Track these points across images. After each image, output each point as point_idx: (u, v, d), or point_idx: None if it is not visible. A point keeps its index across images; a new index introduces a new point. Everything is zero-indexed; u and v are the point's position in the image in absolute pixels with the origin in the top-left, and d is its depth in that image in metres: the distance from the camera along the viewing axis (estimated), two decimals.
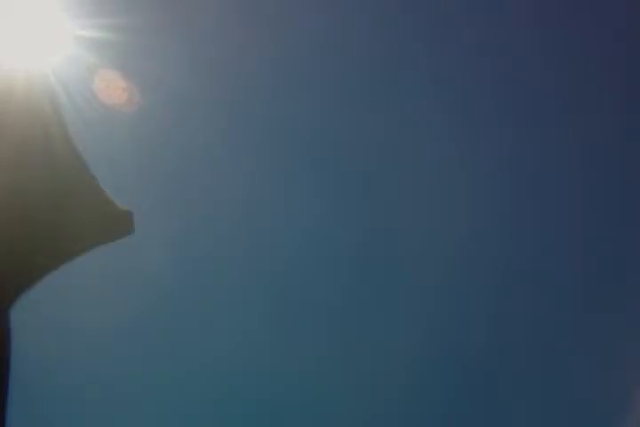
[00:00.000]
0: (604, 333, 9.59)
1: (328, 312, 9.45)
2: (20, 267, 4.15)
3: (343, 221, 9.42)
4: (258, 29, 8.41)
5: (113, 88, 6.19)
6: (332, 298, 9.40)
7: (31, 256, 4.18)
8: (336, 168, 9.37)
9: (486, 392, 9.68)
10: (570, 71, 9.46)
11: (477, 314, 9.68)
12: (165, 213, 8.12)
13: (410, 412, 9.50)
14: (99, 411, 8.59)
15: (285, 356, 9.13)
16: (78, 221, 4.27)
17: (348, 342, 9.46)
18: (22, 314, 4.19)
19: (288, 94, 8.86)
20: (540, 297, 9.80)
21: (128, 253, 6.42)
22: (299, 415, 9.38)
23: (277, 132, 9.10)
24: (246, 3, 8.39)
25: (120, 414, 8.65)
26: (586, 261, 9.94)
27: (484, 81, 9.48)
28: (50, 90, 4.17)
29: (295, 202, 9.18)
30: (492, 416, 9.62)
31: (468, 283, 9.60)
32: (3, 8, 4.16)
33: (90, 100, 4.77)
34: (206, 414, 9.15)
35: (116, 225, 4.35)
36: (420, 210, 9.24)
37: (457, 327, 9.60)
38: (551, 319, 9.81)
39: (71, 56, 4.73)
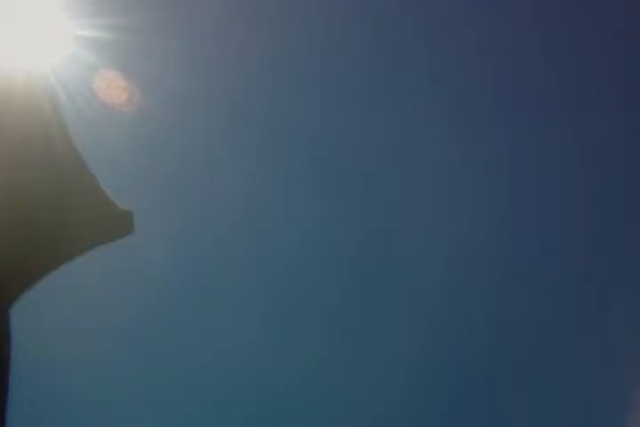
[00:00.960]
0: (604, 333, 9.59)
1: (328, 312, 9.45)
2: (20, 267, 4.15)
3: (343, 221, 9.42)
4: (258, 29, 8.41)
5: (113, 88, 6.19)
6: (331, 298, 9.40)
7: (31, 256, 4.17)
8: (336, 168, 9.37)
9: (486, 392, 9.68)
10: (570, 71, 9.46)
11: (477, 314, 9.68)
12: (165, 213, 8.12)
13: (410, 412, 9.50)
14: (99, 411, 8.59)
15: (285, 355, 9.13)
16: (78, 221, 4.27)
17: (348, 341, 9.46)
18: (22, 314, 4.19)
19: (288, 94, 8.86)
20: (539, 297, 9.80)
21: (128, 253, 6.42)
22: (298, 415, 9.38)
23: (277, 132, 9.10)
24: (246, 3, 8.39)
25: (120, 414, 8.65)
26: (586, 261, 9.94)
27: (484, 81, 9.48)
28: (50, 90, 4.17)
29: (295, 202, 9.18)
30: (492, 416, 9.62)
31: (467, 283, 9.60)
32: (3, 8, 4.16)
33: (90, 100, 4.77)
34: (206, 414, 9.15)
35: (116, 225, 4.35)
36: (420, 210, 9.24)
37: (457, 327, 9.60)
38: (551, 319, 9.81)
39: (71, 56, 4.73)
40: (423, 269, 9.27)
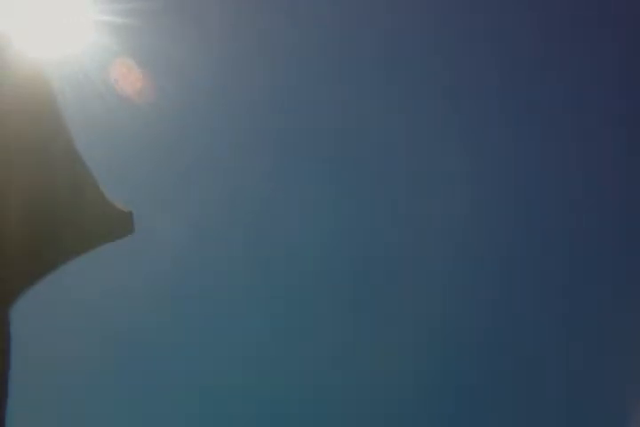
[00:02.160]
0: (606, 333, 9.59)
1: (329, 313, 9.45)
2: (20, 267, 4.14)
3: (346, 222, 9.42)
4: (284, 14, 8.38)
5: (128, 78, 6.15)
6: (333, 298, 9.41)
7: (31, 256, 4.17)
8: (338, 168, 9.38)
9: (486, 392, 9.69)
10: (570, 71, 9.47)
11: (478, 314, 9.68)
12: (165, 213, 8.11)
13: (410, 412, 9.51)
14: (98, 411, 8.59)
15: (287, 357, 9.13)
16: (78, 222, 4.26)
17: (349, 342, 9.47)
18: (22, 314, 4.19)
19: (293, 93, 8.86)
20: (539, 296, 9.81)
21: (128, 253, 6.42)
22: (299, 416, 9.38)
23: (280, 131, 9.11)
24: None
25: (120, 415, 8.65)
26: (586, 261, 9.95)
27: (485, 81, 9.49)
28: (50, 90, 4.15)
29: (299, 202, 9.19)
30: (493, 416, 9.62)
31: (468, 283, 9.61)
32: None
33: (90, 98, 4.75)
34: (206, 414, 9.15)
35: (116, 225, 4.34)
36: (421, 210, 9.24)
37: (457, 328, 9.61)
38: (551, 319, 9.82)
39: (90, 43, 4.70)
40: (424, 269, 9.28)
